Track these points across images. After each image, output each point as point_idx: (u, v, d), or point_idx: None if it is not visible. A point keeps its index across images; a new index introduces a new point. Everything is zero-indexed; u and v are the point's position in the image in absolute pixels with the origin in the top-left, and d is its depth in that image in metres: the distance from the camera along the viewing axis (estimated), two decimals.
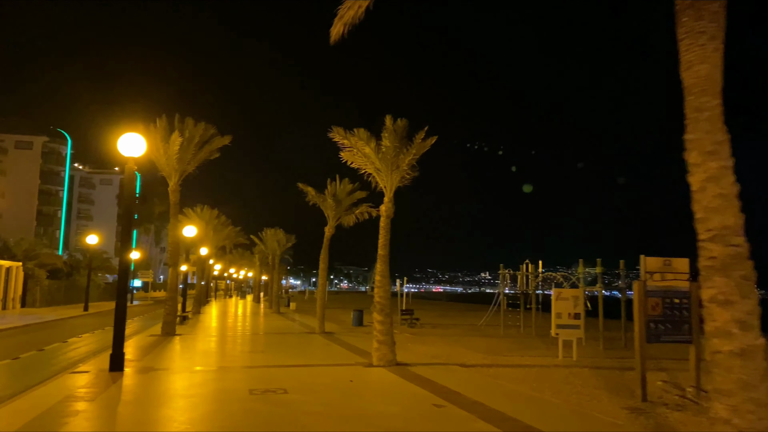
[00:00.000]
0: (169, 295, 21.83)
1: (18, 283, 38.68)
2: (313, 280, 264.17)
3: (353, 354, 15.71)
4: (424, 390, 10.15)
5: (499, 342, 20.42)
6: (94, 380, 10.90)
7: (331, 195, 23.07)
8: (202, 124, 22.00)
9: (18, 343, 19.10)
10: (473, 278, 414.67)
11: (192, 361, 14.51)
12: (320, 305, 23.29)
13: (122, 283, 12.56)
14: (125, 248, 12.54)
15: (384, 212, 13.81)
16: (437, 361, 14.48)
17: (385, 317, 13.51)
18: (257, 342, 19.01)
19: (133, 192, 12.60)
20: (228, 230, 52.08)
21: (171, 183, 22.06)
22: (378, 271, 13.77)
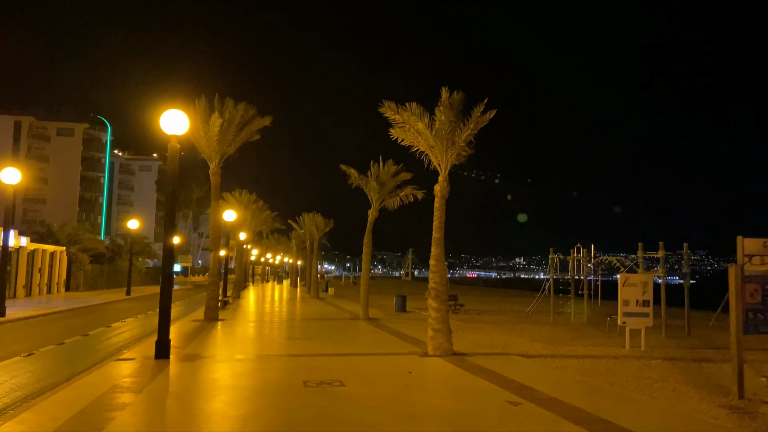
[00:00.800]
0: (211, 280, 21.45)
1: (62, 267, 39.25)
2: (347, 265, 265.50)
3: (404, 342, 14.95)
4: (492, 384, 9.29)
5: (554, 330, 19.38)
6: (140, 369, 10.39)
7: (375, 177, 22.23)
8: (242, 104, 21.40)
9: (63, 328, 18.98)
10: (507, 263, 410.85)
11: (238, 349, 13.98)
12: (364, 291, 22.60)
13: (167, 266, 12.02)
14: (169, 230, 11.98)
15: (439, 192, 12.90)
16: (495, 351, 13.60)
17: (440, 304, 12.67)
18: (302, 328, 18.45)
19: (176, 171, 12.00)
20: (265, 215, 51.93)
21: (212, 165, 21.57)
22: (433, 255, 12.90)
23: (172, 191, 11.98)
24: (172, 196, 12.06)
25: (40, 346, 14.11)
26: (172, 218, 12.07)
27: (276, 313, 26.17)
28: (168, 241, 11.99)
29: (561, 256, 26.73)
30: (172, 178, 12.02)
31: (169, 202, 12.08)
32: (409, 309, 27.94)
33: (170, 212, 12.06)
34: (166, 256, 12.07)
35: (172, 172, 11.99)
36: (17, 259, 31.91)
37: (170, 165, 11.97)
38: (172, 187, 12.01)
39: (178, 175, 12.20)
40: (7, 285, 30.84)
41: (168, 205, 12.07)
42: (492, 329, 19.17)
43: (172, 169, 11.97)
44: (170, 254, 12.03)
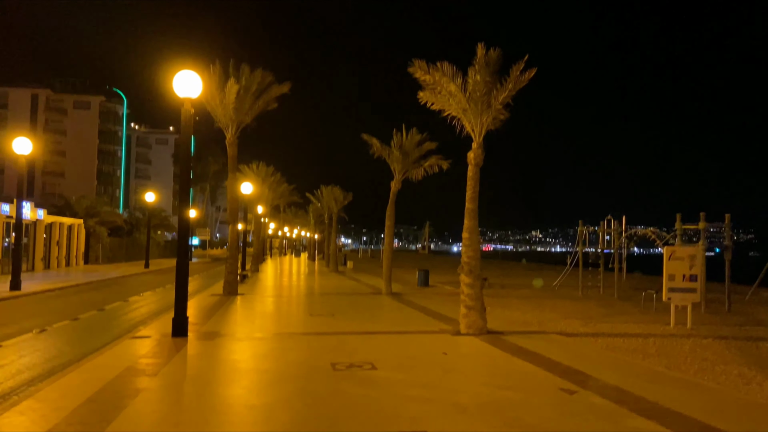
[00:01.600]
0: (229, 254, 20.82)
1: (80, 240, 39.06)
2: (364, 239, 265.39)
3: (432, 319, 14.16)
4: (538, 367, 8.46)
5: (585, 306, 18.47)
6: (156, 348, 9.72)
7: (398, 147, 21.27)
8: (259, 71, 20.44)
9: (79, 302, 18.52)
10: (523, 237, 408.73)
11: (258, 326, 13.30)
12: (387, 264, 21.82)
13: (183, 239, 11.28)
14: (184, 200, 11.19)
15: (472, 159, 11.93)
16: (531, 329, 12.75)
17: (474, 279, 11.81)
18: (324, 303, 17.76)
19: (190, 137, 11.17)
20: (282, 188, 51.23)
21: (228, 135, 20.72)
22: (466, 227, 11.99)
23: (187, 158, 11.18)
24: (187, 163, 11.27)
25: (53, 322, 13.57)
26: (187, 187, 11.27)
27: (296, 287, 25.58)
28: (183, 213, 11.22)
29: (591, 228, 25.69)
30: (186, 144, 11.20)
31: (183, 170, 11.28)
32: (432, 283, 27.19)
33: (185, 181, 11.26)
34: (182, 228, 11.32)
35: (186, 139, 11.16)
36: (35, 232, 31.64)
37: (184, 131, 11.13)
38: (187, 154, 11.20)
39: (193, 142, 11.36)
40: (25, 258, 30.67)
41: (183, 174, 11.27)
42: (521, 305, 18.31)
43: (186, 136, 11.15)
44: (186, 226, 11.27)
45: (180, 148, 11.21)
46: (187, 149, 11.17)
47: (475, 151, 11.95)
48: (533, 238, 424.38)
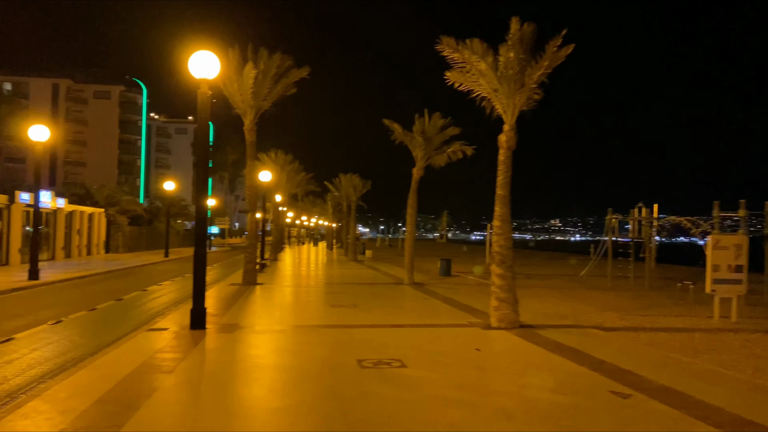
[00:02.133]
0: (248, 242, 20.37)
1: (101, 229, 39.08)
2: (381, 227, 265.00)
3: (459, 311, 13.55)
4: (581, 366, 7.80)
5: (619, 297, 17.70)
6: (174, 342, 9.26)
7: (420, 132, 20.55)
8: (278, 54, 19.83)
9: (98, 291, 18.24)
10: (542, 225, 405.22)
11: (279, 317, 12.80)
12: (409, 253, 21.22)
13: (200, 228, 10.78)
14: (202, 188, 10.69)
15: (504, 143, 11.22)
16: (566, 323, 12.08)
17: (506, 270, 11.15)
18: (345, 294, 17.22)
19: (207, 120, 10.63)
20: (300, 177, 50.83)
21: (246, 121, 20.19)
22: (497, 215, 11.32)
23: (204, 143, 10.65)
24: (205, 148, 10.74)
25: (70, 313, 13.23)
26: (204, 174, 10.76)
27: (315, 276, 25.12)
28: (201, 200, 10.72)
29: (620, 216, 24.78)
30: (203, 129, 10.66)
31: (201, 156, 10.76)
32: (454, 273, 26.56)
33: (202, 167, 10.74)
34: (200, 216, 10.82)
35: (203, 122, 10.62)
36: (55, 221, 31.60)
37: (201, 114, 10.59)
38: (204, 138, 10.67)
39: (211, 131, 10.83)
40: (46, 247, 30.68)
41: (200, 160, 10.75)
42: (549, 295, 17.61)
43: (203, 119, 10.60)
44: (204, 215, 10.77)
45: (197, 132, 10.68)
46: (205, 133, 10.64)
47: (506, 133, 11.24)
48: (552, 227, 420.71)
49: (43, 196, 29.29)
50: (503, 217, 11.26)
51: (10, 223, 26.21)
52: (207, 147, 10.66)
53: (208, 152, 10.26)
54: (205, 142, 10.63)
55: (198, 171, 10.68)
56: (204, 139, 10.63)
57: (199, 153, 10.68)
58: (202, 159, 10.68)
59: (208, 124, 10.69)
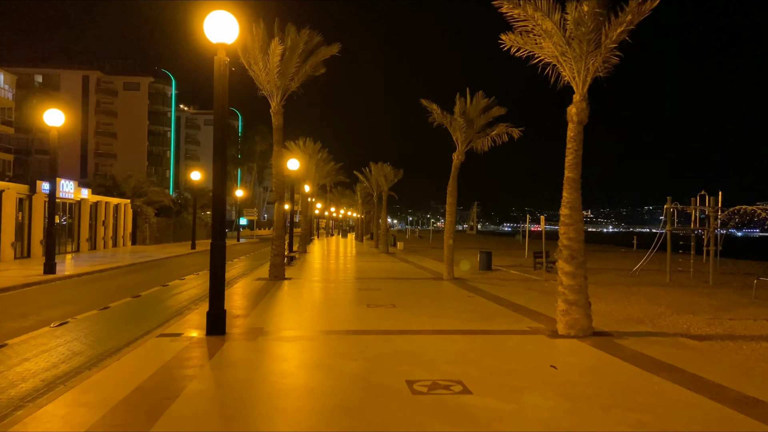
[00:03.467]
0: (275, 234, 18.94)
1: (127, 220, 38.29)
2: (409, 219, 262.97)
3: (513, 312, 11.83)
4: (699, 395, 6.03)
5: (687, 295, 15.74)
6: (185, 353, 7.79)
7: (461, 113, 18.77)
8: (306, 30, 18.24)
9: (116, 287, 17.04)
10: None
11: (308, 320, 11.27)
12: (448, 246, 19.51)
13: (218, 217, 9.29)
14: (219, 171, 9.18)
15: (574, 116, 9.44)
16: (644, 329, 10.26)
17: (577, 268, 9.39)
18: (381, 291, 15.65)
19: (225, 90, 9.12)
20: (329, 167, 49.46)
21: (273, 104, 18.70)
22: (565, 201, 9.56)
23: (222, 117, 9.12)
24: (222, 123, 9.21)
25: (79, 312, 11.95)
26: (222, 153, 9.24)
27: (347, 270, 23.61)
28: (218, 184, 9.23)
29: (679, 205, 22.64)
30: (220, 101, 9.13)
31: (218, 132, 9.23)
32: (495, 266, 24.79)
33: (220, 146, 9.22)
34: (217, 204, 9.34)
35: (221, 93, 9.10)
36: (79, 212, 30.78)
37: (218, 83, 9.08)
38: (222, 112, 9.14)
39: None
40: (70, 239, 29.87)
41: (217, 137, 9.23)
42: (609, 294, 15.73)
43: (220, 89, 9.09)
44: (221, 202, 9.28)
45: (215, 104, 9.16)
46: (223, 106, 9.11)
47: (577, 104, 9.45)
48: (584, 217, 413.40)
49: (66, 186, 28.43)
50: (572, 204, 9.49)
51: (31, 213, 25.36)
52: (225, 121, 9.14)
53: (227, 127, 8.76)
54: (223, 115, 9.10)
55: (216, 149, 9.17)
56: (222, 112, 9.10)
57: (217, 128, 9.16)
58: (219, 135, 9.16)
59: (226, 95, 9.17)
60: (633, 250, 52.77)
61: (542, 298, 14.42)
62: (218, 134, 9.16)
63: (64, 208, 29.06)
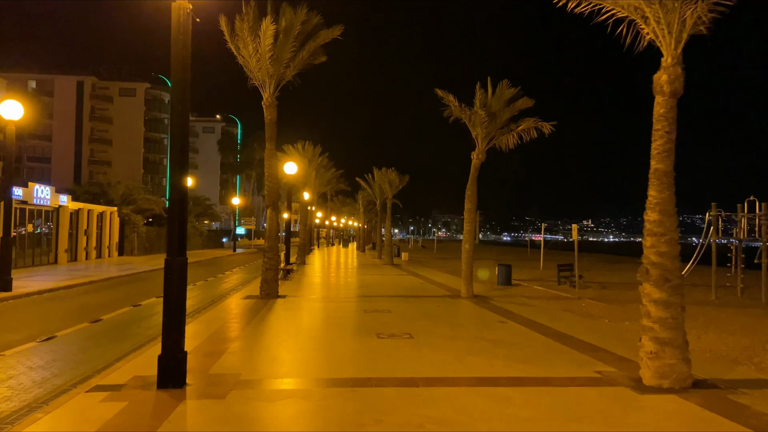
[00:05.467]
0: (268, 245, 16.41)
1: (114, 229, 35.74)
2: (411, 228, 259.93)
3: (564, 346, 9.26)
4: None
5: (748, 317, 13.19)
6: (117, 419, 5.22)
7: (482, 105, 16.28)
8: (303, 8, 15.77)
9: (77, 308, 14.47)
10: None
11: (304, 360, 8.69)
12: (467, 259, 16.92)
13: (175, 221, 6.75)
14: (178, 154, 6.67)
15: (665, 85, 6.91)
16: (753, 374, 7.67)
17: (671, 294, 6.82)
18: (392, 313, 13.07)
19: (187, 45, 6.61)
20: (330, 174, 47.05)
21: (265, 95, 16.23)
22: (652, 203, 7.00)
23: (182, 81, 6.60)
24: (181, 89, 6.69)
25: (10, 345, 9.39)
26: (181, 133, 6.72)
27: (349, 285, 21.01)
28: (176, 174, 6.70)
29: (723, 212, 20.08)
30: (180, 61, 6.62)
31: (176, 105, 6.71)
32: (515, 281, 22.22)
33: (179, 125, 6.70)
34: (175, 203, 6.80)
35: (180, 51, 6.59)
36: (57, 220, 28.24)
37: (177, 39, 6.58)
38: (182, 75, 6.62)
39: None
40: (47, 249, 27.31)
41: (175, 110, 6.71)
42: None
43: (180, 47, 6.58)
44: (179, 199, 6.75)
45: (173, 64, 6.65)
46: (184, 67, 6.60)
47: (668, 69, 6.92)
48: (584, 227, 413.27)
49: (41, 192, 25.96)
50: (664, 207, 6.93)
51: None
52: (185, 87, 6.62)
53: (187, 95, 6.20)
54: (183, 80, 6.58)
55: (174, 128, 6.66)
56: (182, 75, 6.58)
57: (175, 98, 6.64)
58: (178, 109, 6.63)
59: (188, 54, 6.65)
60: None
61: (590, 324, 11.86)
62: (177, 107, 6.64)
63: (39, 215, 26.53)
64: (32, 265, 25.51)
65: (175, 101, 6.63)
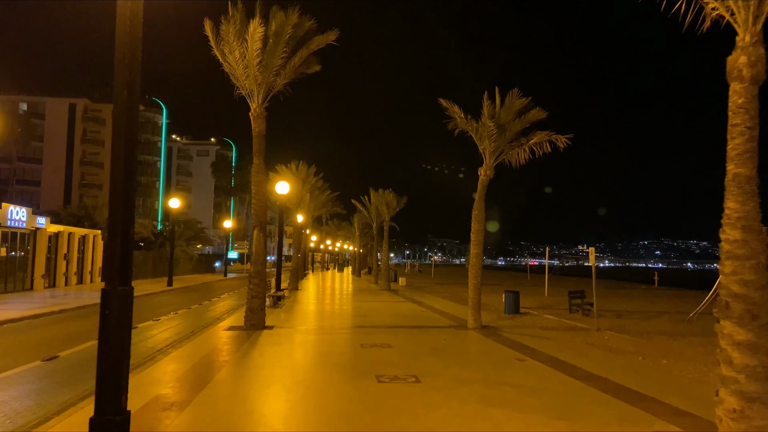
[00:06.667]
0: (254, 270, 14.84)
1: (97, 253, 33.99)
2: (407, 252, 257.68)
3: (603, 393, 7.66)
4: None
5: None
6: None
7: (491, 117, 14.90)
8: (295, 11, 14.46)
9: (36, 341, 12.81)
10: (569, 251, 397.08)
11: (291, 415, 7.06)
12: (475, 286, 15.34)
13: (119, 236, 5.19)
14: (121, 162, 5.16)
15: (744, 69, 5.49)
16: None
17: (759, 335, 5.29)
18: (392, 348, 11.45)
19: (135, 18, 5.14)
20: (325, 196, 45.57)
21: (253, 105, 14.85)
22: (732, 217, 5.50)
23: (130, 58, 5.12)
24: (130, 77, 5.21)
25: None
26: (128, 133, 5.23)
27: (344, 314, 19.35)
28: (118, 189, 5.19)
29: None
30: (128, 33, 5.15)
31: (121, 91, 5.24)
32: (523, 309, 20.63)
33: (124, 118, 5.22)
34: (117, 216, 5.27)
35: (126, 34, 5.13)
36: (34, 243, 26.54)
37: (121, 22, 5.12)
38: (130, 50, 5.14)
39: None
40: (21, 275, 25.60)
41: (119, 99, 5.24)
42: (700, 355, 11.57)
43: (126, 28, 5.12)
44: (125, 211, 5.23)
45: (117, 41, 5.18)
46: (133, 37, 5.13)
47: (746, 49, 5.51)
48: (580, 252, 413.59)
49: (16, 213, 24.35)
50: (748, 221, 5.43)
51: None
52: (135, 72, 5.14)
53: (137, 75, 4.64)
54: (132, 54, 5.10)
55: (115, 126, 5.16)
56: (129, 50, 5.10)
57: (119, 84, 5.16)
58: (122, 96, 5.15)
59: (137, 21, 5.18)
60: (654, 287, 48.63)
61: (622, 362, 10.28)
62: (121, 93, 5.15)
63: (14, 238, 24.86)
64: (4, 291, 23.77)
65: (119, 87, 5.15)
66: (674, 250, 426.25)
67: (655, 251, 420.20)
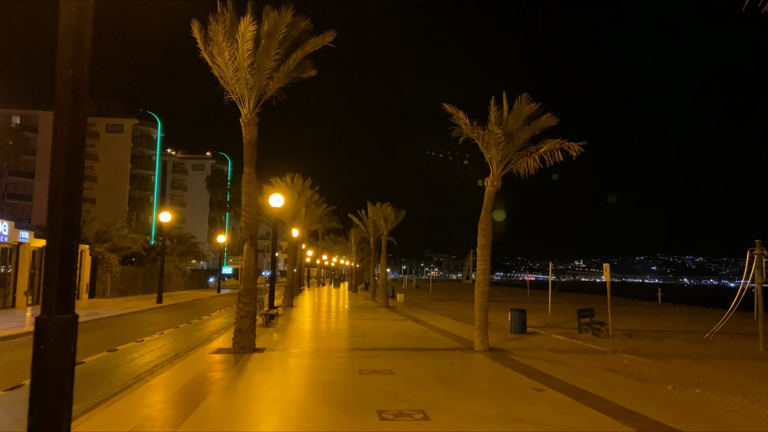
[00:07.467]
0: (244, 287, 13.73)
1: (84, 269, 32.83)
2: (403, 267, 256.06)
3: (633, 430, 6.59)
4: None
5: None
6: None
7: (498, 123, 13.94)
8: (289, 11, 13.52)
9: (1, 367, 11.64)
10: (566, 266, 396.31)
11: None
12: (482, 305, 14.25)
13: (57, 248, 4.14)
14: (64, 148, 4.13)
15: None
16: None
17: None
18: (394, 376, 10.35)
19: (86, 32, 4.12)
20: (321, 210, 44.59)
21: (243, 110, 13.86)
22: None
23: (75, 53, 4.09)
24: (75, 62, 4.18)
25: None
26: (78, 128, 4.20)
27: (341, 334, 18.21)
28: (69, 197, 4.13)
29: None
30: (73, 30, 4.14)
31: (66, 50, 4.20)
32: (530, 329, 19.54)
33: (75, 109, 4.19)
34: (54, 225, 4.22)
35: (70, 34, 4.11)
36: (16, 259, 25.38)
37: (65, 21, 4.10)
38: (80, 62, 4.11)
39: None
40: (4, 291, 24.43)
41: (64, 59, 4.21)
42: (744, 385, 10.49)
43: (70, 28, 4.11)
44: (66, 226, 4.18)
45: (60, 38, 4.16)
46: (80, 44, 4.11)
47: None
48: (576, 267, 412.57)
49: None
50: None
51: None
52: (82, 63, 4.12)
53: (86, 72, 3.58)
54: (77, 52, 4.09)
55: (58, 114, 4.12)
56: (75, 53, 4.10)
57: (65, 43, 4.12)
58: (67, 55, 4.14)
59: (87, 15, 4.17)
60: (658, 303, 47.50)
61: (652, 392, 9.20)
62: (65, 53, 4.13)
63: None
64: None
65: (64, 45, 4.13)
66: (670, 265, 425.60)
67: (651, 267, 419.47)
